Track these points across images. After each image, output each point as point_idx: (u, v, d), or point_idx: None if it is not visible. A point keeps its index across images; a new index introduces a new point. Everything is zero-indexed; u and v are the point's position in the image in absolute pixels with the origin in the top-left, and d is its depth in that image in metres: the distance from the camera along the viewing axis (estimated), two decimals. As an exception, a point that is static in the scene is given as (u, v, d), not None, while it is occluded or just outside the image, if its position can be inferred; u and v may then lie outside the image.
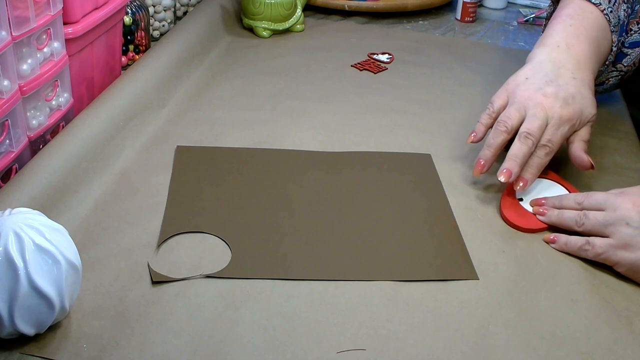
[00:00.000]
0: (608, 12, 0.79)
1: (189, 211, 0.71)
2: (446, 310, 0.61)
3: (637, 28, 0.82)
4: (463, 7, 1.30)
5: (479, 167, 0.74)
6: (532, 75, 0.76)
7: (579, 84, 0.74)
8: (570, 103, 0.73)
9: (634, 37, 0.83)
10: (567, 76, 0.75)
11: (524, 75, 0.77)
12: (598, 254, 0.65)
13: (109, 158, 0.78)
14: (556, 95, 0.73)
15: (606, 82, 0.87)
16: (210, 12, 1.16)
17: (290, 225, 0.70)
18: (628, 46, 0.83)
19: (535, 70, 0.77)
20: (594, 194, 0.69)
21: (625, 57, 0.84)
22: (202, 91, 0.97)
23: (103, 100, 0.83)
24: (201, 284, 0.62)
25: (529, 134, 0.71)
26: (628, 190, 0.66)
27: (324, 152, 0.83)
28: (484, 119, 0.77)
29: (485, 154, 0.74)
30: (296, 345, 0.56)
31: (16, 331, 0.53)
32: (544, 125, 0.72)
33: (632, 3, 0.82)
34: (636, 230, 0.62)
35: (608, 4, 0.80)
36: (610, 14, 0.79)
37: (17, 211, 0.54)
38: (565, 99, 0.73)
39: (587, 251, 0.65)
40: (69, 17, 0.79)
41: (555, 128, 0.72)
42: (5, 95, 0.68)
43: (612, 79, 0.86)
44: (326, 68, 1.07)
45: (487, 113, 0.77)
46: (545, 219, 0.71)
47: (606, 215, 0.65)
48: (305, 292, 0.62)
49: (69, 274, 0.54)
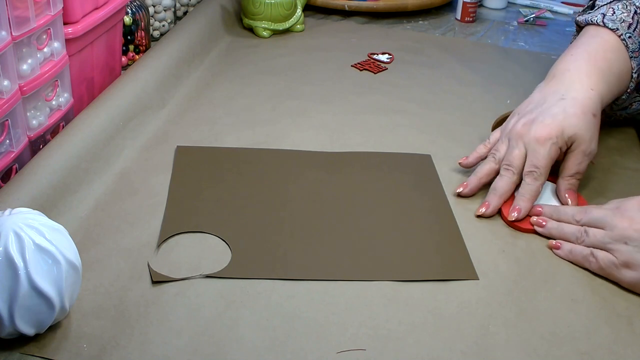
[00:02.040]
0: (626, 37, 0.78)
1: (189, 211, 0.71)
2: (446, 310, 0.61)
3: None
4: (463, 7, 1.30)
5: (461, 187, 0.76)
6: (522, 108, 0.77)
7: (565, 104, 0.73)
8: (547, 123, 0.72)
9: None
10: (554, 99, 0.74)
11: (516, 110, 0.78)
12: (601, 268, 0.65)
13: (109, 158, 0.78)
14: (533, 119, 0.73)
15: (629, 107, 0.84)
16: (210, 12, 1.16)
17: (290, 225, 0.70)
18: None
19: (526, 103, 0.78)
20: (591, 211, 0.68)
21: None
22: (202, 91, 0.97)
23: (103, 100, 0.83)
24: (201, 284, 0.62)
25: (508, 165, 0.73)
26: (624, 205, 0.65)
27: (324, 152, 0.83)
28: (480, 148, 0.79)
29: (471, 179, 0.76)
30: (296, 345, 0.56)
31: (16, 331, 0.53)
32: (522, 154, 0.72)
33: None
34: (636, 248, 0.62)
35: (627, 30, 0.78)
36: (629, 39, 0.78)
37: (17, 211, 0.54)
38: (542, 120, 0.72)
39: (591, 263, 0.65)
40: (69, 17, 0.79)
41: (535, 151, 0.71)
42: (5, 95, 0.68)
43: (635, 103, 0.84)
44: (326, 68, 1.07)
45: (483, 144, 0.79)
46: (544, 231, 0.70)
47: (605, 234, 0.65)
48: (305, 292, 0.62)
49: (69, 274, 0.54)
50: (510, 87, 1.03)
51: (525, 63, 1.13)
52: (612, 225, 0.64)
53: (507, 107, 0.96)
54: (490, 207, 0.72)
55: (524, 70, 1.10)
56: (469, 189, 0.75)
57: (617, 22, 0.79)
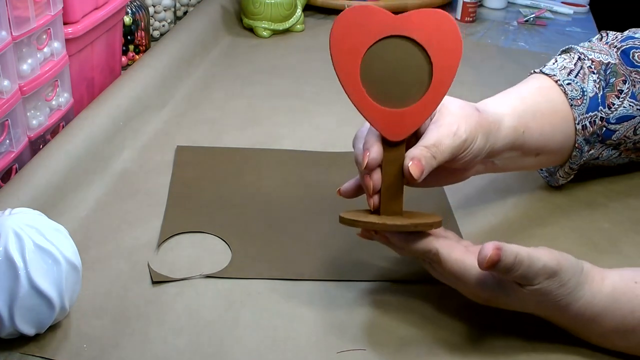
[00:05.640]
0: (564, 83, 0.70)
1: (189, 211, 0.71)
2: (446, 310, 0.61)
3: (619, 102, 0.71)
4: (463, 7, 1.30)
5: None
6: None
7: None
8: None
9: (620, 112, 0.71)
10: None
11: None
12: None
13: (109, 158, 0.78)
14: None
15: (600, 157, 0.75)
16: (210, 12, 1.16)
17: (290, 225, 0.70)
18: (615, 122, 0.71)
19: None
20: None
21: (614, 132, 0.72)
22: (202, 91, 0.97)
23: (103, 100, 0.83)
24: (201, 284, 0.62)
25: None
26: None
27: (324, 152, 0.83)
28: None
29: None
30: (296, 345, 0.56)
31: (16, 331, 0.53)
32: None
33: (605, 75, 0.72)
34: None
35: (567, 77, 0.71)
36: (567, 85, 0.70)
37: (17, 211, 0.54)
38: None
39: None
40: (69, 17, 0.79)
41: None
42: (5, 95, 0.68)
43: (604, 152, 0.74)
44: (326, 68, 1.06)
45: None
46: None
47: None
48: (305, 292, 0.62)
49: (69, 274, 0.54)
50: (510, 87, 1.03)
51: (525, 63, 1.12)
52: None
53: (507, 107, 0.96)
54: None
55: (524, 70, 1.09)
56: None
57: (555, 70, 0.72)
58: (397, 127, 0.56)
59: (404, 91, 0.56)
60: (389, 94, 0.56)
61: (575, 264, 0.54)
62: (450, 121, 0.59)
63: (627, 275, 0.55)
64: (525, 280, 0.52)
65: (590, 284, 0.54)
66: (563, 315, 0.55)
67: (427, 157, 0.57)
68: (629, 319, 0.54)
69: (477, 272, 0.54)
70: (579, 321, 0.55)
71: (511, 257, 0.51)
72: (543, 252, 0.53)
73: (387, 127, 0.56)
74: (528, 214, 0.74)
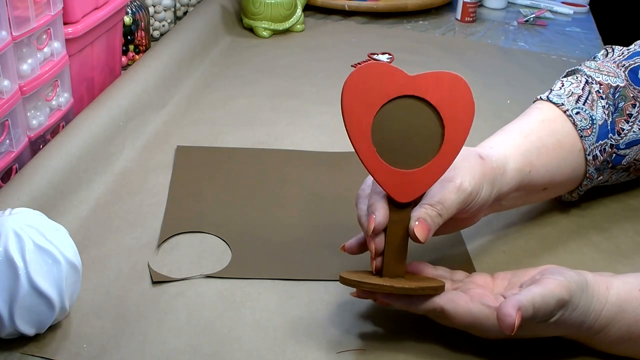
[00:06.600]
0: (573, 113, 0.68)
1: (189, 211, 0.71)
2: (446, 310, 0.61)
3: (628, 127, 0.69)
4: (463, 7, 1.30)
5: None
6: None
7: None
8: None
9: (630, 137, 0.69)
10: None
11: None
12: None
13: (109, 158, 0.78)
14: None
15: (609, 180, 0.73)
16: (210, 12, 1.16)
17: (290, 225, 0.70)
18: (624, 147, 0.70)
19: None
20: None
21: (624, 157, 0.70)
22: (202, 91, 0.97)
23: (103, 100, 0.83)
24: (201, 284, 0.62)
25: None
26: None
27: (324, 152, 0.83)
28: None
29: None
30: (296, 345, 0.56)
31: (16, 331, 0.53)
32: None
33: (614, 99, 0.70)
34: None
35: (575, 104, 0.68)
36: (577, 115, 0.68)
37: (17, 211, 0.54)
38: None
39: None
40: (69, 17, 0.79)
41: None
42: (5, 95, 0.68)
43: (613, 175, 0.73)
44: (326, 68, 1.07)
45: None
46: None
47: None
48: (305, 292, 0.62)
49: (69, 274, 0.54)
50: (510, 87, 1.03)
51: (525, 63, 1.13)
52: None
53: (507, 107, 0.96)
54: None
55: (524, 70, 1.10)
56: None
57: (563, 97, 0.69)
58: (406, 189, 0.54)
59: (415, 152, 0.54)
60: (400, 155, 0.54)
61: (580, 280, 0.53)
62: (454, 175, 0.57)
63: (630, 283, 0.55)
64: (542, 319, 0.52)
65: (598, 296, 0.53)
66: (574, 332, 0.55)
67: (433, 215, 0.55)
68: (634, 328, 0.54)
69: (487, 320, 0.53)
70: (589, 334, 0.55)
71: (530, 311, 0.50)
72: (551, 283, 0.51)
73: (396, 189, 0.54)
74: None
